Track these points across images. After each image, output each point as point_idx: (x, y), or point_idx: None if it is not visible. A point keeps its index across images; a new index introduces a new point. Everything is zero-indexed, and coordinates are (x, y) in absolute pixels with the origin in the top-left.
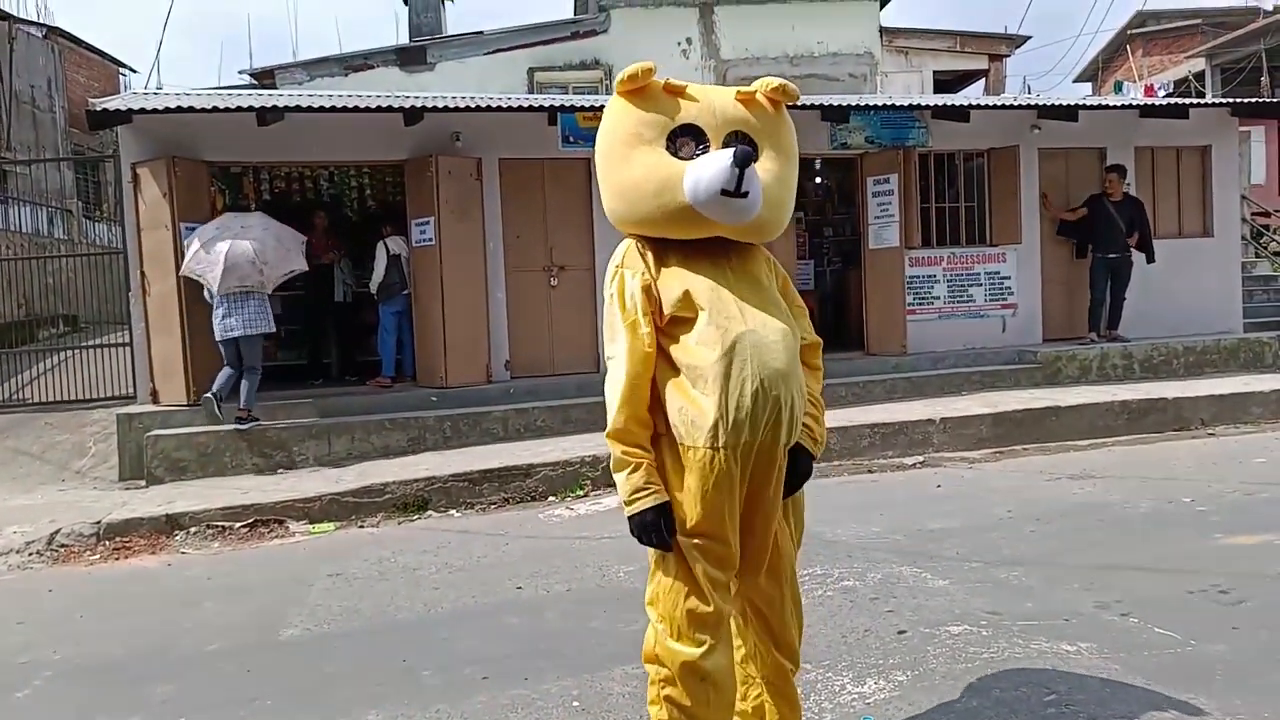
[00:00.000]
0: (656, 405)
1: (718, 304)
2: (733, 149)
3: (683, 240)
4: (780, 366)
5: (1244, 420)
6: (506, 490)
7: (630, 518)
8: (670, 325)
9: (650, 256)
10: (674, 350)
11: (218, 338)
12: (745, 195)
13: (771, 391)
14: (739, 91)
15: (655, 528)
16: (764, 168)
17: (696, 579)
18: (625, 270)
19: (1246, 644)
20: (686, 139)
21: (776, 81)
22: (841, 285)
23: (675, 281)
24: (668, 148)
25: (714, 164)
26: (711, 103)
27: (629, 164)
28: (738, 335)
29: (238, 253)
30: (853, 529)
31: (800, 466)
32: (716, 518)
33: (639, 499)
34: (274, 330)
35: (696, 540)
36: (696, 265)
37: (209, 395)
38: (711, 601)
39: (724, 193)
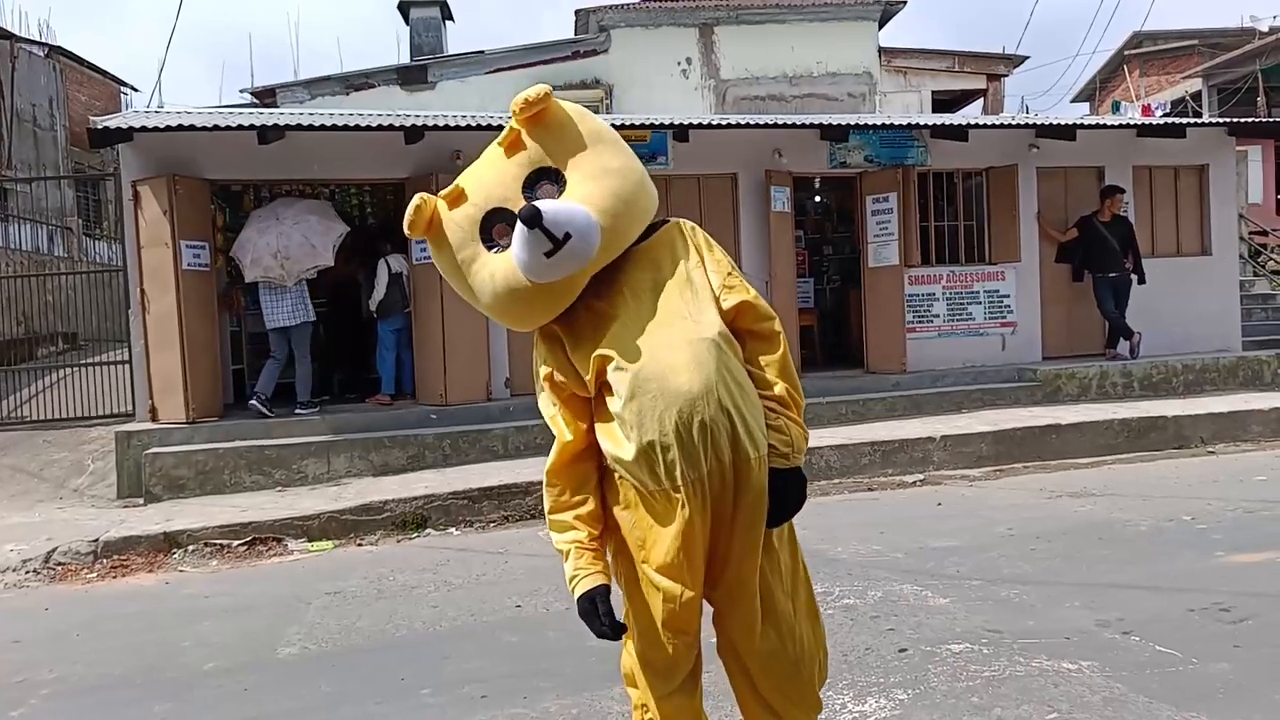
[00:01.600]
0: None
1: (619, 343)
2: (518, 215)
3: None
4: (689, 388)
5: (1244, 438)
6: (506, 508)
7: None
8: (602, 387)
9: (552, 338)
10: (607, 404)
11: (267, 327)
12: (568, 239)
13: (695, 416)
14: (501, 138)
15: (591, 615)
16: (575, 189)
17: (654, 621)
18: (539, 365)
19: (1248, 663)
20: (500, 225)
21: (517, 101)
22: (841, 303)
23: (587, 344)
24: (488, 247)
25: (518, 241)
26: (492, 175)
27: (471, 287)
28: (635, 372)
29: (263, 245)
30: (854, 547)
31: (778, 485)
32: (670, 558)
33: (574, 585)
34: (310, 319)
35: (654, 578)
36: (596, 308)
37: (253, 399)
38: (666, 648)
39: (547, 255)
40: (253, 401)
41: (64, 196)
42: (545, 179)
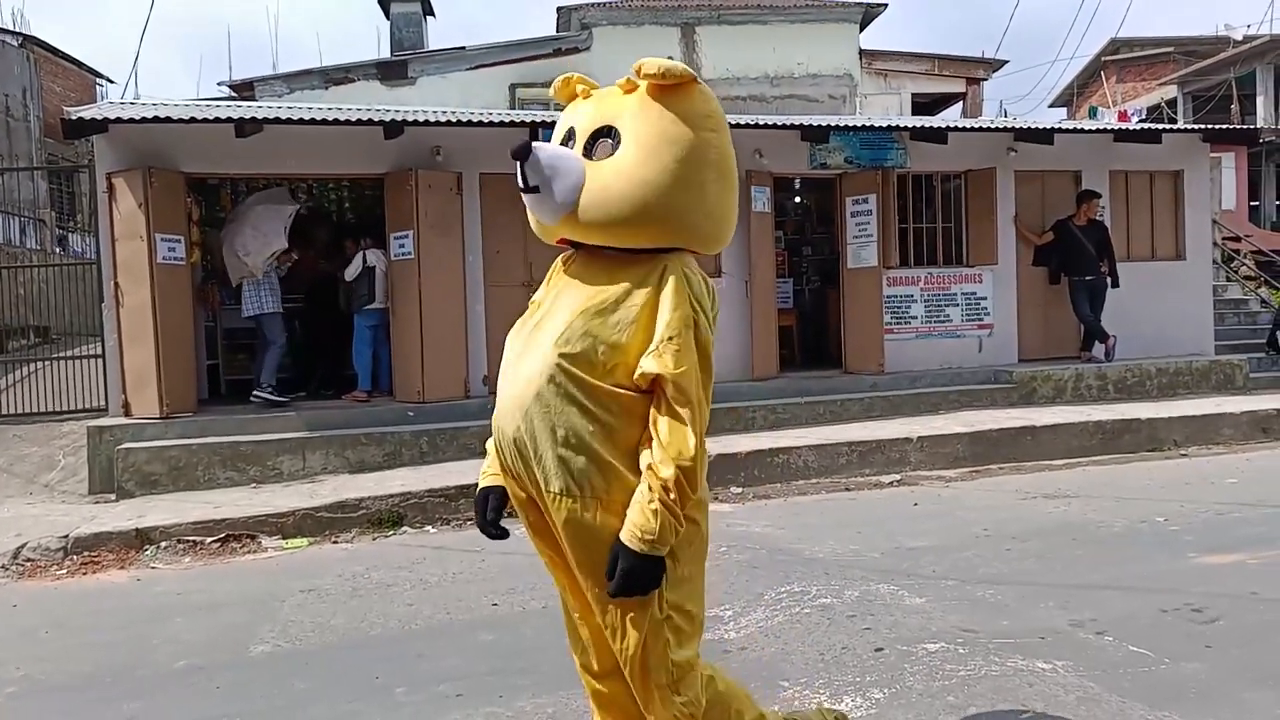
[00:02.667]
0: None
1: (521, 329)
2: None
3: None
4: (520, 401)
5: (1216, 441)
6: None
7: None
8: None
9: (551, 273)
10: None
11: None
12: (534, 190)
13: (508, 430)
14: (623, 82)
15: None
16: (614, 163)
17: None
18: None
19: (1219, 662)
20: (569, 143)
21: (654, 63)
22: (820, 304)
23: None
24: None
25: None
26: (595, 102)
27: None
28: (504, 365)
29: (229, 249)
30: (830, 546)
31: (617, 560)
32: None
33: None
34: (278, 310)
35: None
36: (556, 282)
37: (257, 391)
38: (576, 652)
39: (522, 190)
40: (257, 393)
41: (37, 188)
42: (607, 137)
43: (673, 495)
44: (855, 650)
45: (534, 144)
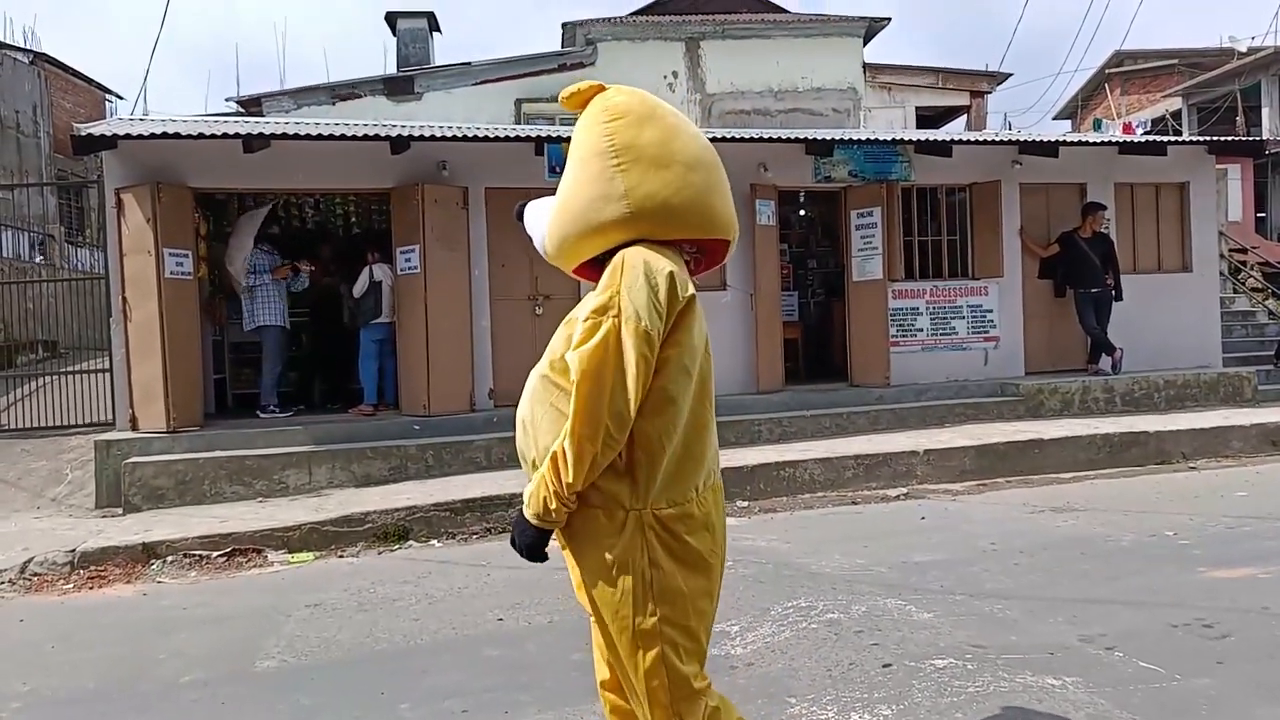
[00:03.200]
0: None
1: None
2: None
3: None
4: (521, 411)
5: (1224, 454)
6: (489, 520)
7: None
8: None
9: None
10: None
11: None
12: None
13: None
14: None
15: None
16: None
17: None
18: None
19: (1231, 678)
20: None
21: (564, 90)
22: (825, 317)
23: None
24: None
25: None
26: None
27: None
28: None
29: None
30: (837, 560)
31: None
32: None
33: None
34: (275, 323)
35: None
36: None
37: (259, 413)
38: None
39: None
40: (259, 414)
41: (46, 203)
42: None
43: (546, 468)
44: (863, 666)
45: (525, 204)
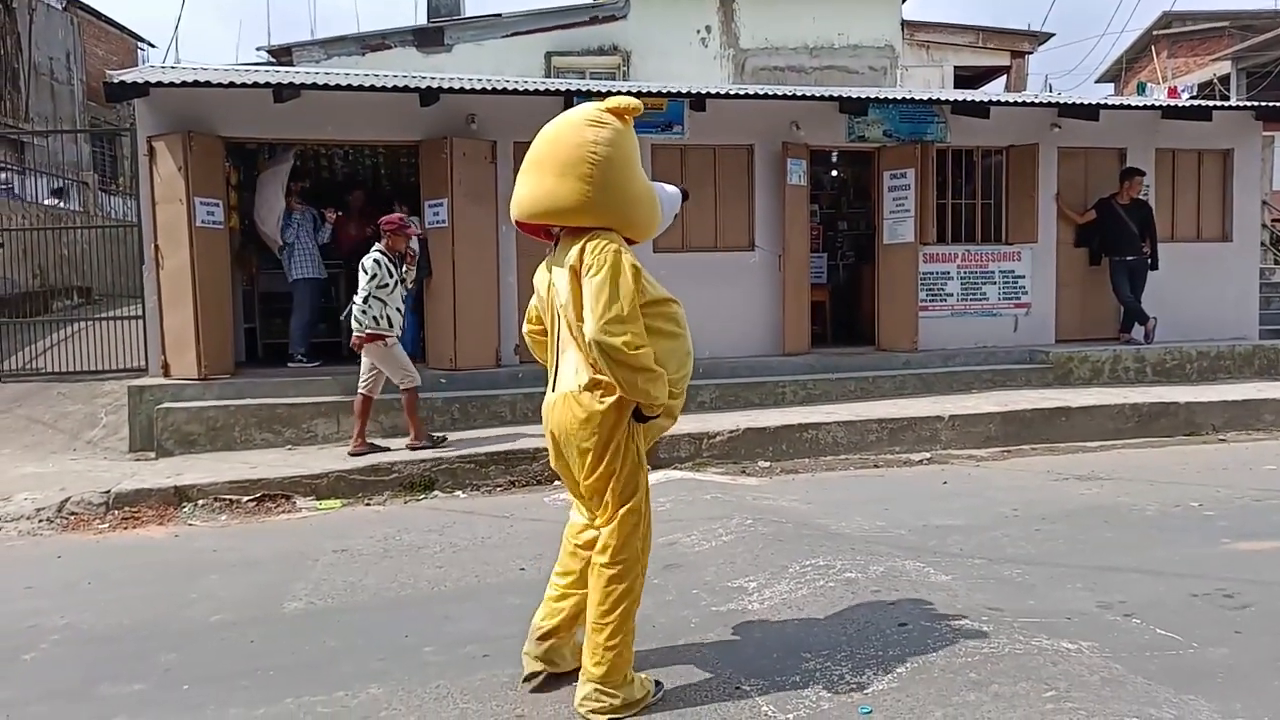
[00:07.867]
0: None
1: None
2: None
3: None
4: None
5: (1256, 427)
6: (512, 473)
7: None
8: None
9: None
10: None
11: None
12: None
13: None
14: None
15: None
16: None
17: None
18: (628, 256)
19: (1248, 648)
20: None
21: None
22: (854, 280)
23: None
24: None
25: (669, 187)
26: None
27: (641, 179)
28: None
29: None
30: (857, 522)
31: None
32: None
33: None
34: (309, 276)
35: None
36: None
37: (290, 364)
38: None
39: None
40: (291, 364)
41: (80, 151)
42: None
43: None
44: (879, 625)
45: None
